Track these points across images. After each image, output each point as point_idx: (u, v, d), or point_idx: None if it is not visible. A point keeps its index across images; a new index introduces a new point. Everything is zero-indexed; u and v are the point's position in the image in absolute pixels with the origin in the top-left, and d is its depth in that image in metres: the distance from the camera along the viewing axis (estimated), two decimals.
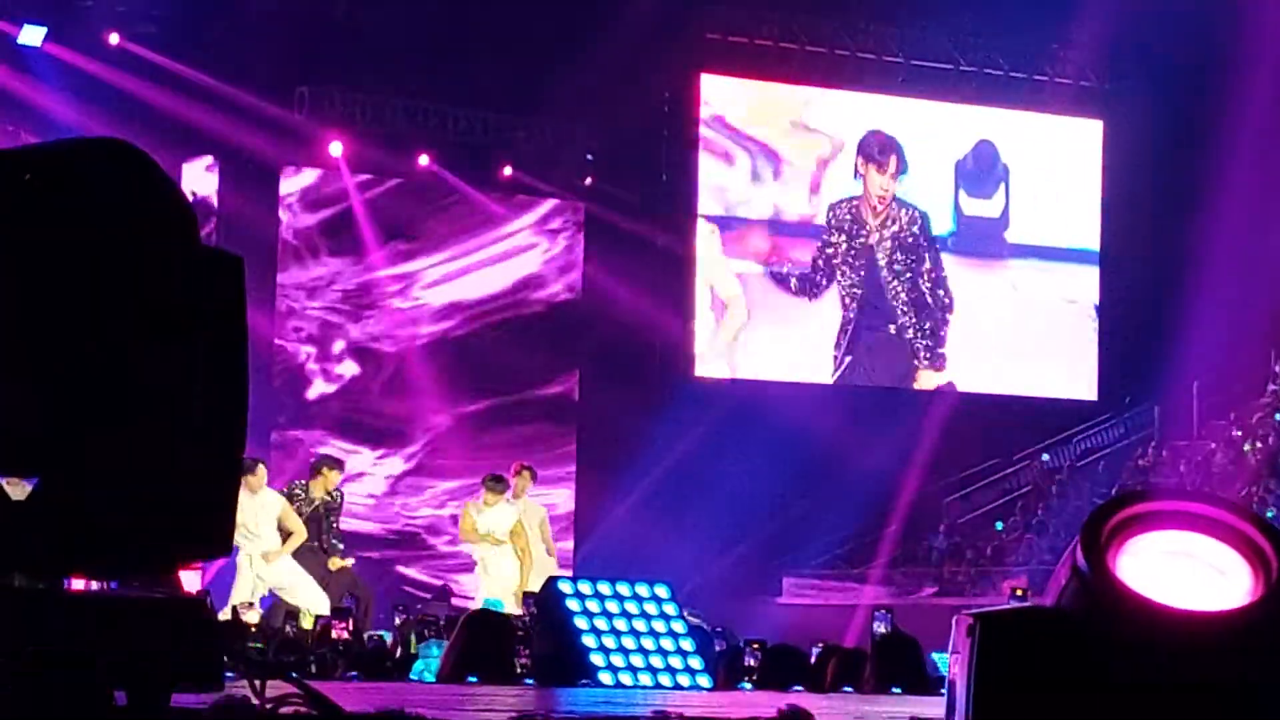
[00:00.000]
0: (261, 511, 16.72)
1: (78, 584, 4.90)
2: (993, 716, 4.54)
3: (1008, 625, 4.69)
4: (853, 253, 27.80)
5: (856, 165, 27.89)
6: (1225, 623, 4.40)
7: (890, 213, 28.07)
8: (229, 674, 4.71)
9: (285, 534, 17.03)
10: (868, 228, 27.95)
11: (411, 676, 13.96)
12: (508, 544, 17.73)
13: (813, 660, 14.61)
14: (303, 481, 18.09)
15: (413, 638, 15.12)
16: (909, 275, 28.05)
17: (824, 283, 27.60)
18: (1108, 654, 4.45)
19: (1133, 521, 4.63)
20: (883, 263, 28.00)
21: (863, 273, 27.85)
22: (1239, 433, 27.33)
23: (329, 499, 17.79)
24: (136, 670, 4.36)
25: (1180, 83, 25.83)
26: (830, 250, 27.66)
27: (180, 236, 4.42)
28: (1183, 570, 4.55)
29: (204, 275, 4.41)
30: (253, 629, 14.31)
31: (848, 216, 27.84)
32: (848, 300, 27.73)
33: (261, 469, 16.94)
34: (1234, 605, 4.44)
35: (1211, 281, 25.05)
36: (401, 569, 25.20)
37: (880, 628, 15.33)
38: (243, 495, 16.56)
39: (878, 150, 27.98)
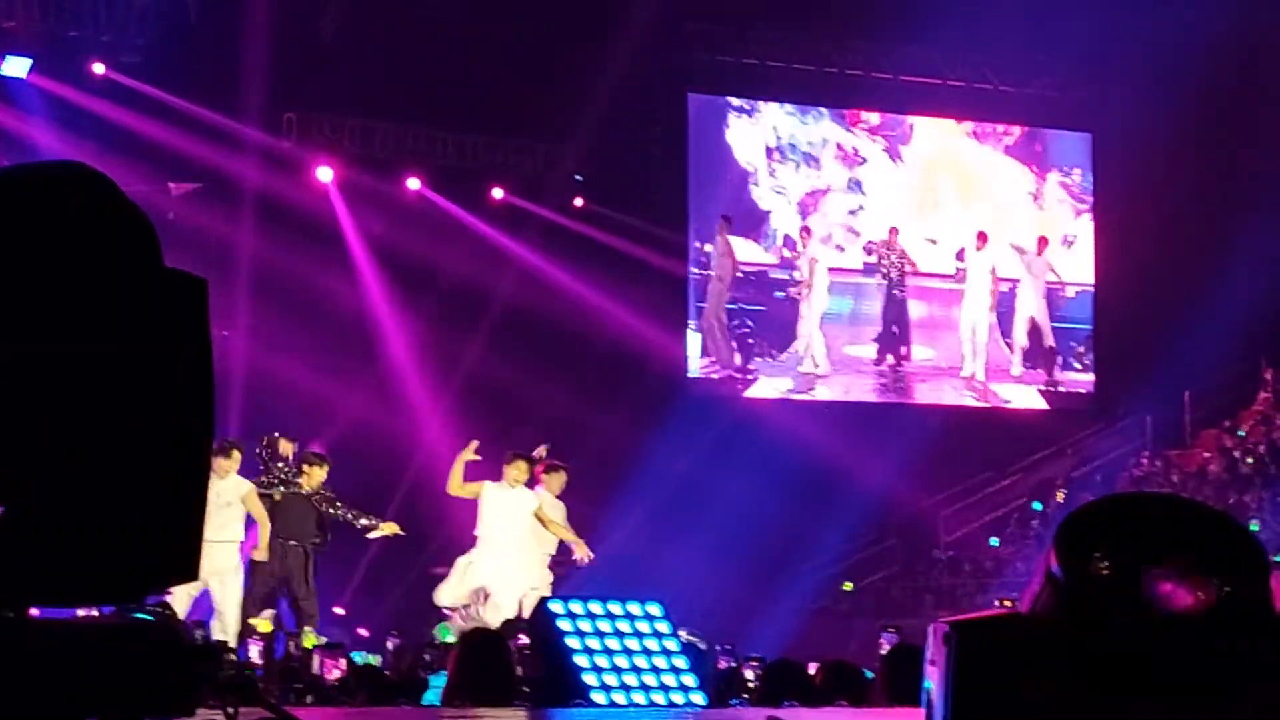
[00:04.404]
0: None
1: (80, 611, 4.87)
2: None
3: (983, 632, 4.66)
4: (844, 267, 27.85)
5: (845, 182, 27.96)
6: (1196, 624, 4.39)
7: (879, 229, 28.09)
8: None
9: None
10: (856, 243, 27.97)
11: (424, 703, 13.89)
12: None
13: (811, 675, 14.54)
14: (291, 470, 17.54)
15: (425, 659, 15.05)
16: (899, 291, 28.05)
17: (820, 298, 27.61)
18: (1083, 659, 4.44)
19: (1105, 526, 4.62)
20: (873, 279, 28.03)
21: (852, 287, 27.90)
22: (1231, 442, 27.31)
23: (322, 493, 17.47)
24: (106, 696, 4.33)
25: (1168, 92, 25.85)
26: (824, 264, 27.70)
27: (142, 258, 4.39)
28: (1155, 573, 4.54)
29: (166, 297, 4.38)
30: (229, 652, 14.14)
31: (839, 231, 27.88)
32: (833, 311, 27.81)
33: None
34: (1204, 606, 4.44)
35: (1202, 291, 25.06)
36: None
37: (886, 647, 15.23)
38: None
39: (863, 174, 28.06)
